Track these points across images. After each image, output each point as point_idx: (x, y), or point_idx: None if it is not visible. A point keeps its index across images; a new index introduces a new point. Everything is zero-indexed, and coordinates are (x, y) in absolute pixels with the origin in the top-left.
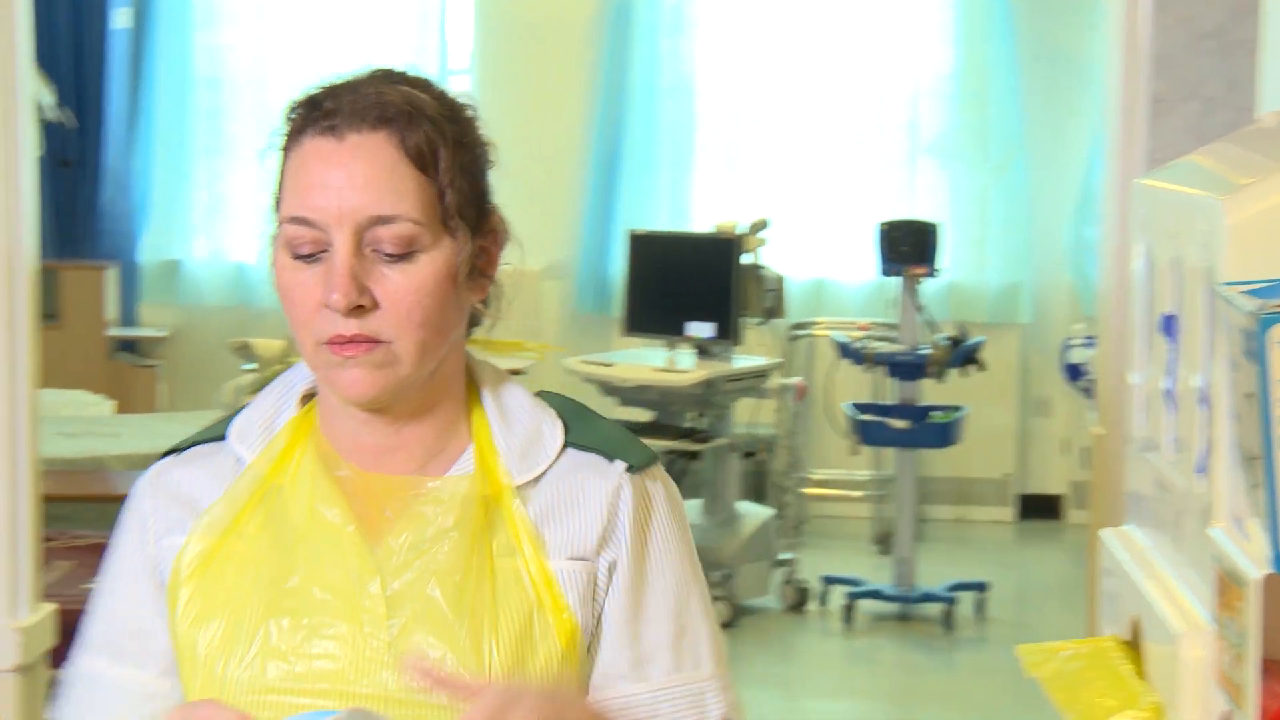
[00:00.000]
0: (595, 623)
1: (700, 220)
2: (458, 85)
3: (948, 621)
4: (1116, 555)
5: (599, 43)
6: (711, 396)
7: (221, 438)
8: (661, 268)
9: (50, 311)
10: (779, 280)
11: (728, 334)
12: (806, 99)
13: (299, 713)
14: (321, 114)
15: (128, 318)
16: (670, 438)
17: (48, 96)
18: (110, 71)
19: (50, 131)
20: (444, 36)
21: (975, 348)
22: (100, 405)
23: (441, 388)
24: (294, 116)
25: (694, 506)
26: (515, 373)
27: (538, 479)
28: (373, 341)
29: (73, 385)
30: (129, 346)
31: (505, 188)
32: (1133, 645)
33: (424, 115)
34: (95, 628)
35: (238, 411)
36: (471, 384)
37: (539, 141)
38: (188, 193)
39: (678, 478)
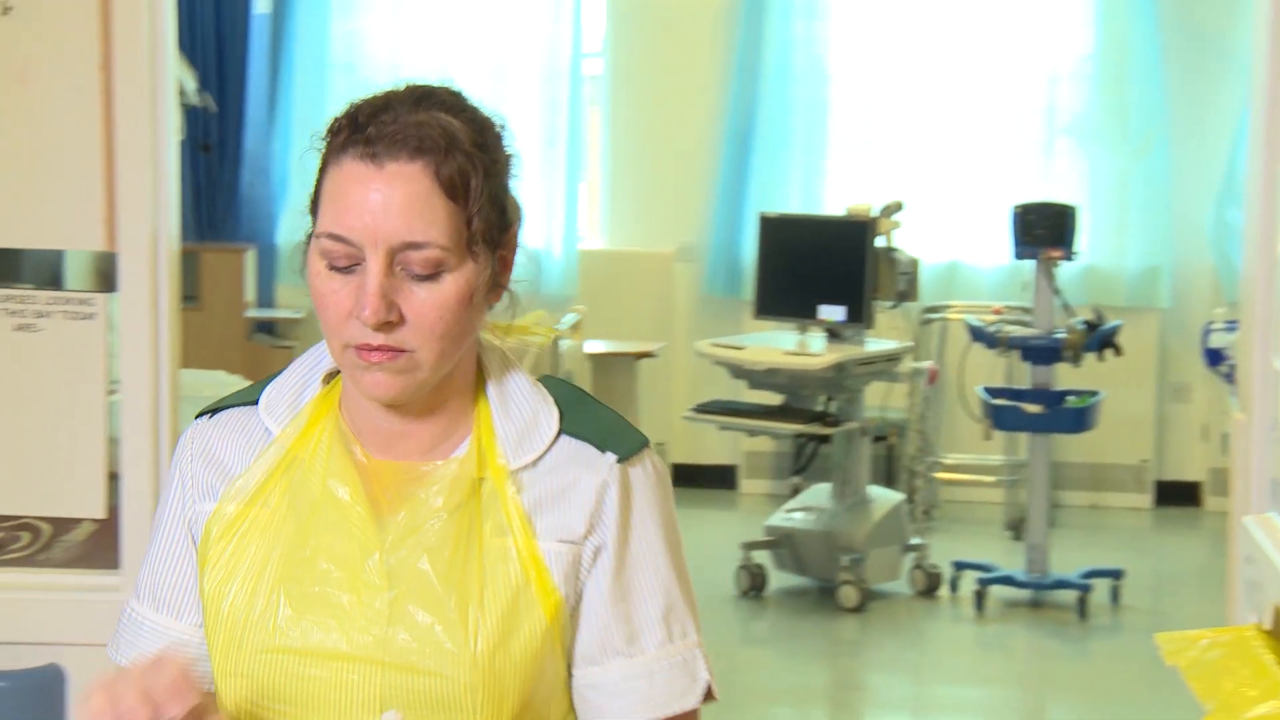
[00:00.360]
0: (576, 600)
1: (832, 203)
2: (590, 69)
3: (1082, 609)
4: (1259, 542)
5: (732, 26)
6: (842, 380)
7: (254, 403)
8: (793, 251)
9: (191, 293)
10: (912, 263)
11: (859, 317)
12: (941, 81)
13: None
14: (363, 139)
15: (265, 299)
16: (800, 421)
17: (190, 82)
18: (250, 57)
19: (191, 116)
20: (578, 20)
21: (1112, 332)
22: (237, 385)
23: (453, 384)
24: (337, 132)
25: (823, 490)
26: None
27: (532, 464)
28: (396, 351)
29: (212, 366)
30: (266, 328)
31: (636, 171)
32: (1275, 634)
33: (458, 148)
34: (143, 575)
35: (270, 378)
36: (480, 373)
37: (670, 125)
38: None
39: (807, 461)
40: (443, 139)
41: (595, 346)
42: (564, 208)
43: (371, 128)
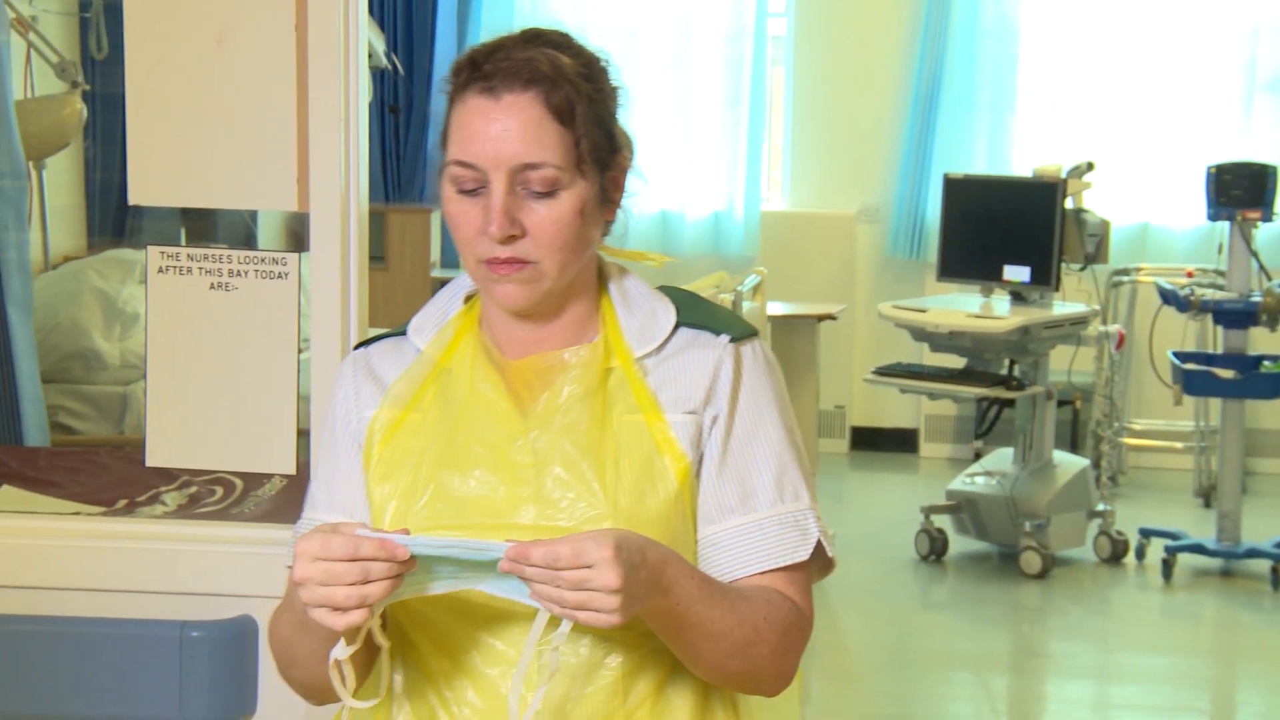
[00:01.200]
0: (699, 464)
1: (1020, 164)
2: (775, 29)
3: (1275, 578)
4: None
5: None
6: (1027, 343)
7: (403, 333)
8: (978, 212)
9: (378, 254)
10: (1102, 225)
11: (1046, 280)
12: (1135, 35)
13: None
14: (481, 75)
15: (450, 259)
16: (983, 385)
17: (379, 44)
18: (438, 19)
19: (379, 79)
20: None
21: None
22: None
23: (577, 290)
24: (458, 74)
25: (1005, 455)
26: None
27: (655, 351)
28: (522, 262)
29: (397, 325)
30: None
31: (818, 132)
32: None
33: (565, 77)
34: (315, 485)
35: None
36: (601, 281)
37: (854, 84)
38: None
39: (990, 425)
40: (550, 70)
41: (776, 308)
42: (745, 168)
43: (488, 65)
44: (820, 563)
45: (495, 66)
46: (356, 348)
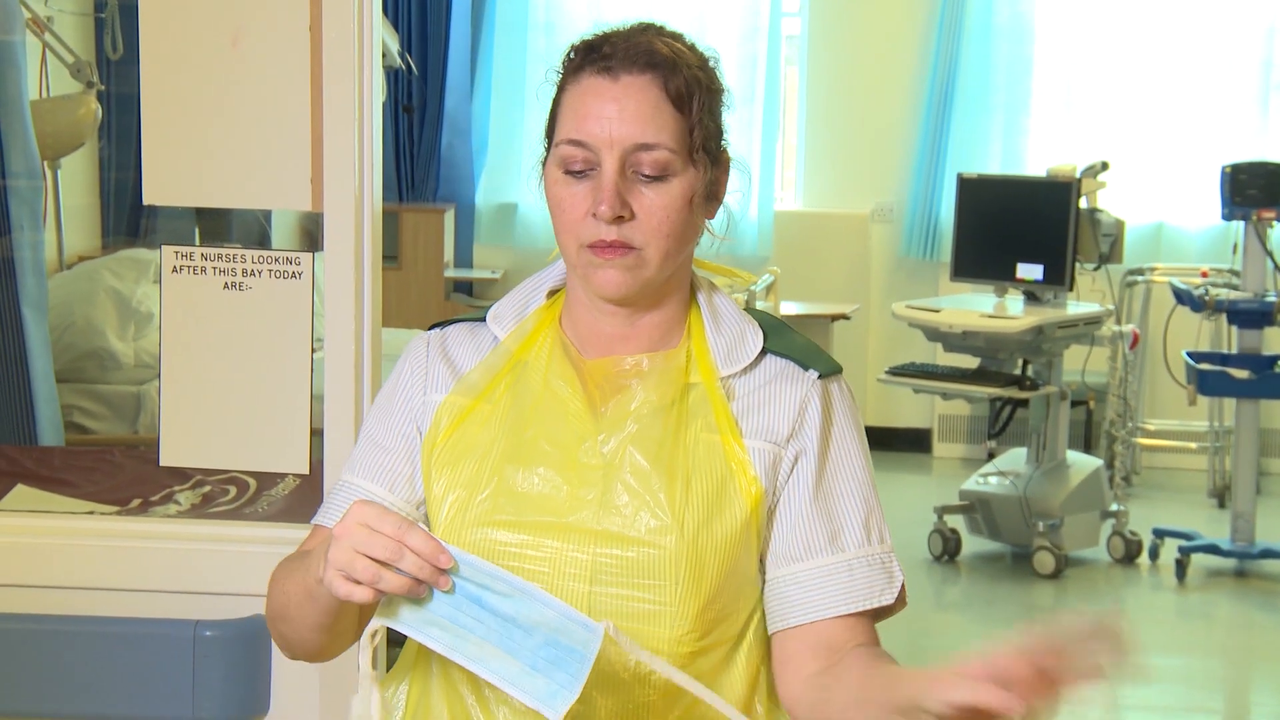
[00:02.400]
0: (774, 500)
1: (1034, 164)
2: (789, 28)
3: None
4: None
5: None
6: (1040, 343)
7: (481, 319)
8: (992, 212)
9: (391, 253)
10: (1116, 225)
11: (1059, 279)
12: (1150, 34)
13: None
14: (600, 56)
15: (463, 260)
16: (997, 385)
17: (393, 44)
18: (452, 19)
19: (393, 78)
20: None
21: None
22: None
23: (671, 289)
24: (574, 57)
25: (1019, 455)
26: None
27: (741, 374)
28: (626, 247)
29: (411, 325)
30: (464, 288)
31: (832, 131)
32: None
33: (683, 64)
34: (360, 451)
35: (494, 303)
36: (692, 291)
37: (868, 84)
38: (523, 137)
39: (1003, 425)
40: (671, 55)
41: (790, 308)
42: (759, 168)
43: (606, 46)
44: (896, 605)
45: (614, 48)
46: (432, 328)
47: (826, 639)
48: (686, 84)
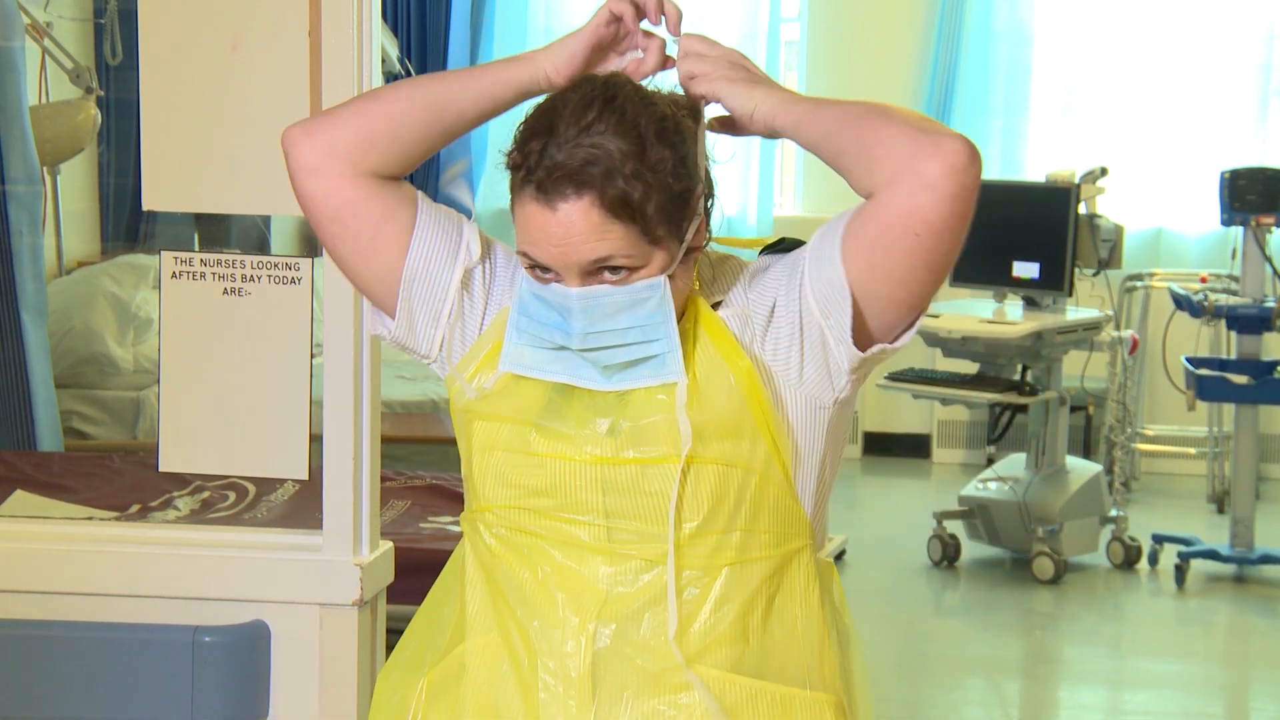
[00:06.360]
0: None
1: (1033, 169)
2: (788, 34)
3: None
4: None
5: None
6: (1040, 349)
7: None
8: (991, 217)
9: None
10: (1115, 230)
11: (1059, 284)
12: (1149, 39)
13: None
14: (535, 182)
15: None
16: (996, 390)
17: (392, 49)
18: (451, 24)
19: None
20: None
21: None
22: None
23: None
24: (515, 168)
25: (1018, 460)
26: None
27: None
28: None
29: None
30: None
31: None
32: None
33: (618, 174)
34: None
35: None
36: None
37: (867, 89)
38: None
39: (1003, 430)
40: (601, 171)
41: None
42: (758, 173)
43: (540, 171)
44: None
45: (548, 174)
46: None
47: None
48: (623, 194)
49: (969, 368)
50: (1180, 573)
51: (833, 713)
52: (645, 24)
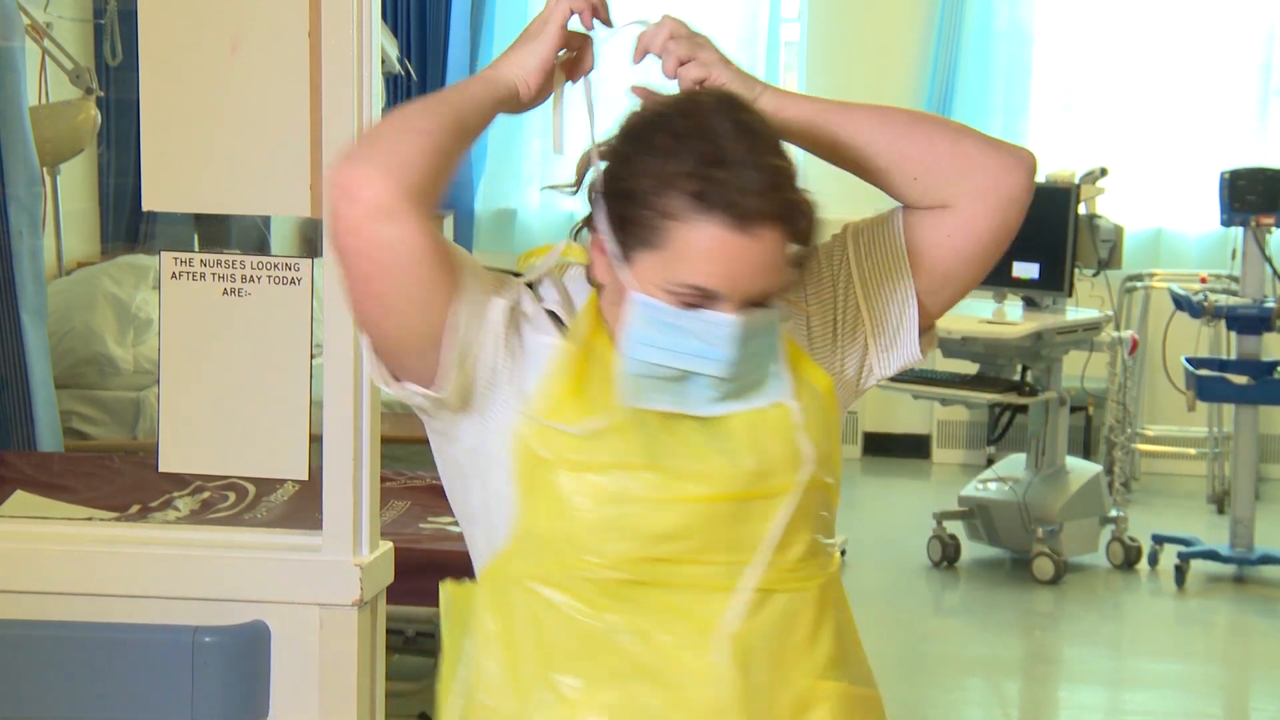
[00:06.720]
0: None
1: None
2: (788, 35)
3: None
4: None
5: None
6: (1040, 349)
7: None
8: None
9: None
10: (1115, 231)
11: (1059, 285)
12: (1149, 40)
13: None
14: (725, 204)
15: None
16: (996, 390)
17: (392, 50)
18: (451, 25)
19: (392, 84)
20: None
21: None
22: None
23: None
24: (688, 182)
25: (1018, 461)
26: None
27: None
28: None
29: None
30: None
31: None
32: None
33: (798, 200)
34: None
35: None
36: None
37: (868, 89)
38: (522, 143)
39: (1002, 431)
40: (800, 200)
41: None
42: None
43: (733, 194)
44: None
45: (743, 197)
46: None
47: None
48: (809, 220)
49: (969, 368)
50: (1180, 573)
51: (881, 708)
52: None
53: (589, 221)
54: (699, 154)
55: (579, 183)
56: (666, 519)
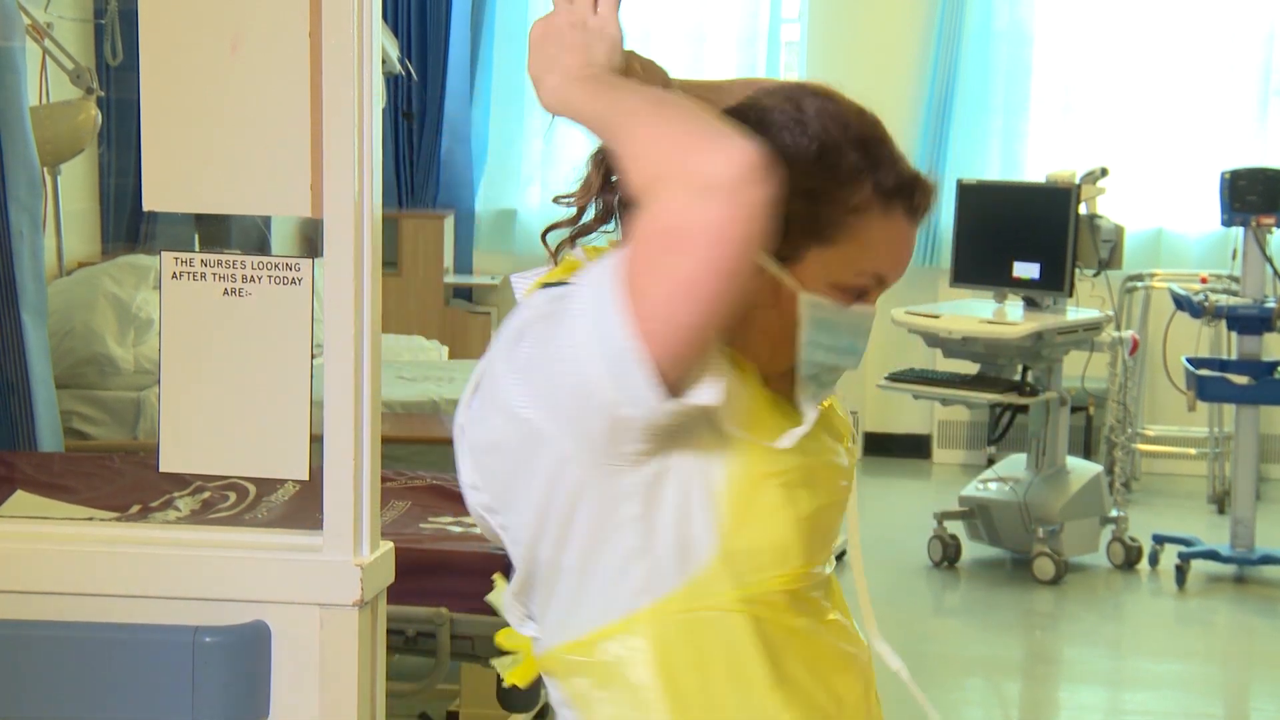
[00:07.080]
0: None
1: (1033, 170)
2: (789, 35)
3: None
4: None
5: None
6: (1040, 349)
7: None
8: (992, 218)
9: (391, 259)
10: (1116, 231)
11: (1059, 285)
12: (1149, 40)
13: None
14: (914, 198)
15: (463, 265)
16: (996, 391)
17: (392, 50)
18: (452, 25)
19: (393, 84)
20: None
21: None
22: (434, 350)
23: None
24: (899, 189)
25: (1018, 461)
26: None
27: None
28: None
29: (410, 331)
30: (464, 294)
31: None
32: None
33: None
34: None
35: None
36: None
37: (868, 89)
38: (523, 143)
39: (1003, 431)
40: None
41: None
42: None
43: (915, 190)
44: None
45: (923, 197)
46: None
47: None
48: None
49: (969, 368)
50: (1180, 573)
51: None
52: None
53: (588, 229)
54: (890, 148)
55: (588, 192)
56: (838, 519)
